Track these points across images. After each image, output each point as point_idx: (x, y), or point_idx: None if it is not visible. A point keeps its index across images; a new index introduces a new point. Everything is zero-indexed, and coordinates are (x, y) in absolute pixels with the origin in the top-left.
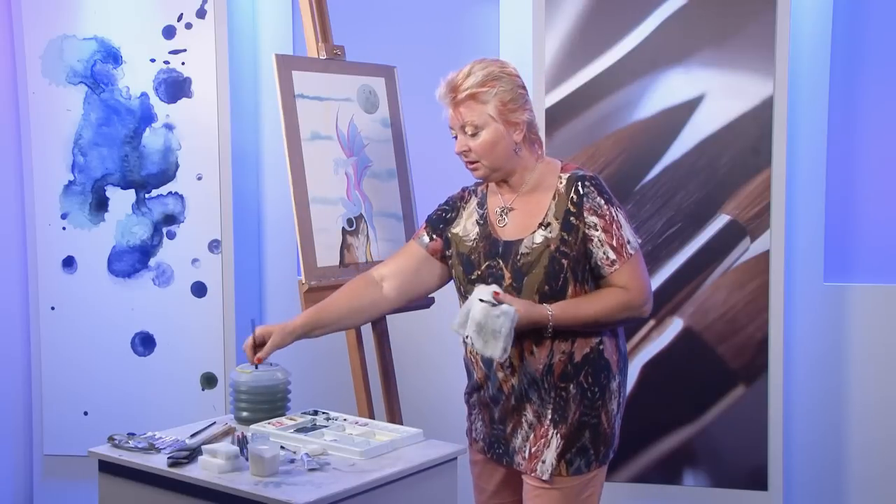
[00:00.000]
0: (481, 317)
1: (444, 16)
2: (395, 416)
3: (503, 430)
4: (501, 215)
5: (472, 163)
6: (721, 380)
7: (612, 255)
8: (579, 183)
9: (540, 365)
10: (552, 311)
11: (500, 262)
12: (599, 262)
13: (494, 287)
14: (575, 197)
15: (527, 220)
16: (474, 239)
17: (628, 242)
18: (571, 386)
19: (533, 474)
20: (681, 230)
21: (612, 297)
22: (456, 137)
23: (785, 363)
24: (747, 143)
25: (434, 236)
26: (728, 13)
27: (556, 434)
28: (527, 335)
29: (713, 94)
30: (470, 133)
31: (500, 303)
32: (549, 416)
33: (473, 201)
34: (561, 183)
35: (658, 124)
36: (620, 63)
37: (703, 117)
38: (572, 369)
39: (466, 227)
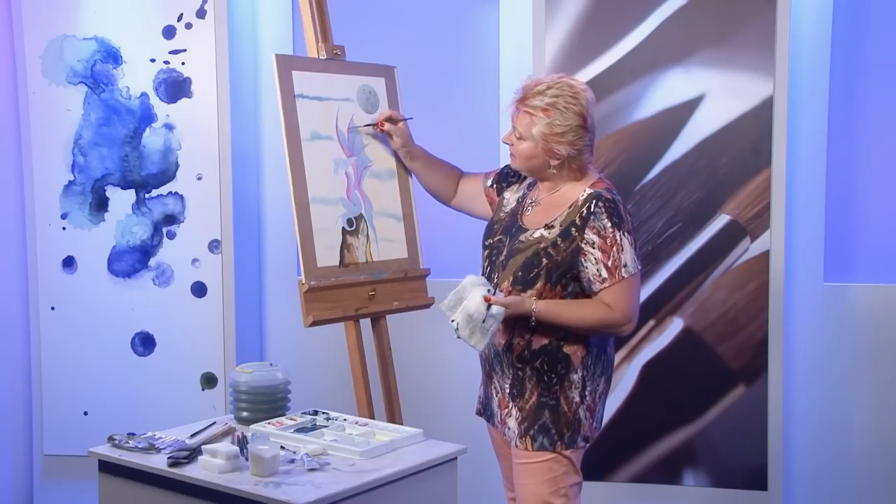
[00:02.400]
0: (475, 311)
1: (444, 16)
2: (395, 416)
3: (485, 392)
4: (530, 205)
5: (511, 153)
6: (721, 380)
7: (605, 274)
8: (594, 202)
9: (503, 340)
10: (536, 308)
11: (507, 239)
12: (591, 278)
13: (487, 289)
14: (584, 211)
15: (540, 218)
16: (507, 212)
17: (625, 266)
18: (528, 369)
19: (504, 437)
20: (681, 230)
21: (595, 310)
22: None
23: (785, 363)
24: (747, 143)
25: (494, 185)
26: (728, 13)
27: (515, 407)
28: None
29: (713, 94)
30: (517, 135)
31: (490, 306)
32: (508, 390)
33: (527, 181)
34: (582, 196)
35: (658, 124)
36: (620, 63)
37: (703, 117)
38: (529, 355)
39: (510, 198)
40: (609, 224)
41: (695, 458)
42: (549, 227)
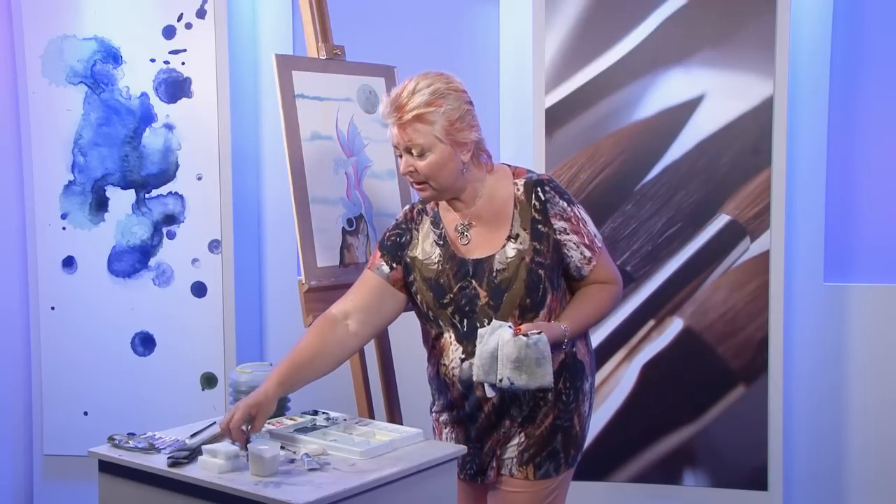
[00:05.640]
0: (518, 352)
1: (444, 16)
2: (395, 416)
3: (480, 447)
4: (463, 233)
5: (420, 183)
6: (721, 380)
7: (588, 253)
8: (538, 188)
9: None
10: (567, 327)
11: (473, 281)
12: (579, 264)
13: (509, 324)
14: (537, 204)
15: (492, 235)
16: (438, 261)
17: (596, 236)
18: (549, 394)
19: (500, 475)
20: (681, 230)
21: (604, 293)
22: (401, 157)
23: (785, 363)
24: (747, 143)
25: (394, 265)
26: (728, 13)
27: (521, 433)
28: None
29: (713, 94)
30: (416, 154)
31: (527, 334)
32: (519, 422)
33: (426, 221)
34: (518, 190)
35: (658, 124)
36: (620, 63)
37: (703, 117)
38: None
39: (425, 249)
40: (565, 204)
41: (695, 458)
42: (514, 237)
